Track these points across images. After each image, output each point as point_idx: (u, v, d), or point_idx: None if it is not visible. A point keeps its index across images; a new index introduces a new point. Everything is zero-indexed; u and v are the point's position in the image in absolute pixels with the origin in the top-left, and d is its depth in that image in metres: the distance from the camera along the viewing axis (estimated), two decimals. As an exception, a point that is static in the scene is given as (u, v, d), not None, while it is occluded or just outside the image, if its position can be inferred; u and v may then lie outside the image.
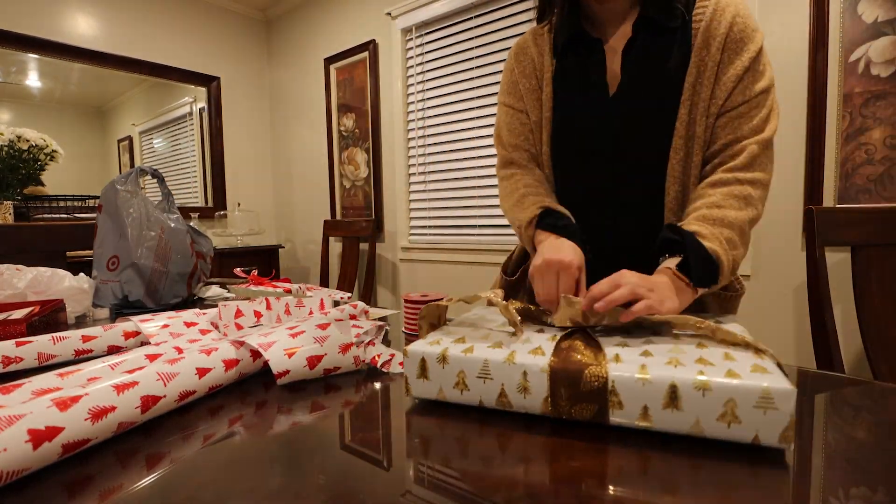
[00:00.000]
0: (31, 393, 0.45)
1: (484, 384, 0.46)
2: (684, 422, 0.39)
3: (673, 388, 0.39)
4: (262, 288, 1.12)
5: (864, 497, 0.32)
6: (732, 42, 0.71)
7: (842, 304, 1.48)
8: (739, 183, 0.70)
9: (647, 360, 0.43)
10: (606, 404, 0.41)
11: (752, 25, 0.71)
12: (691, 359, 0.43)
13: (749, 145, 0.70)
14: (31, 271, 0.96)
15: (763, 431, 0.37)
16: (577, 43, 0.80)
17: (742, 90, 0.71)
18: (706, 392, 0.38)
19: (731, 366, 0.40)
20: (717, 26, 0.71)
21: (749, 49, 0.70)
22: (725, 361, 0.41)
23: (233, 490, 0.35)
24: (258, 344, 0.56)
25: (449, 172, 2.52)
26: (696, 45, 0.72)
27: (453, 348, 0.49)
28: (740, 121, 0.72)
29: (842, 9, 1.46)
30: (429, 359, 0.48)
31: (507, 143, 0.89)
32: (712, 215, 0.67)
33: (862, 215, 1.08)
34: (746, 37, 0.71)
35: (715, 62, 0.71)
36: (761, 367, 0.40)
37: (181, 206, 3.10)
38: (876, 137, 1.44)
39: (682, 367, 0.41)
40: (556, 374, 0.43)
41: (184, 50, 3.06)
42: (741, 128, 0.72)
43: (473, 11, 2.33)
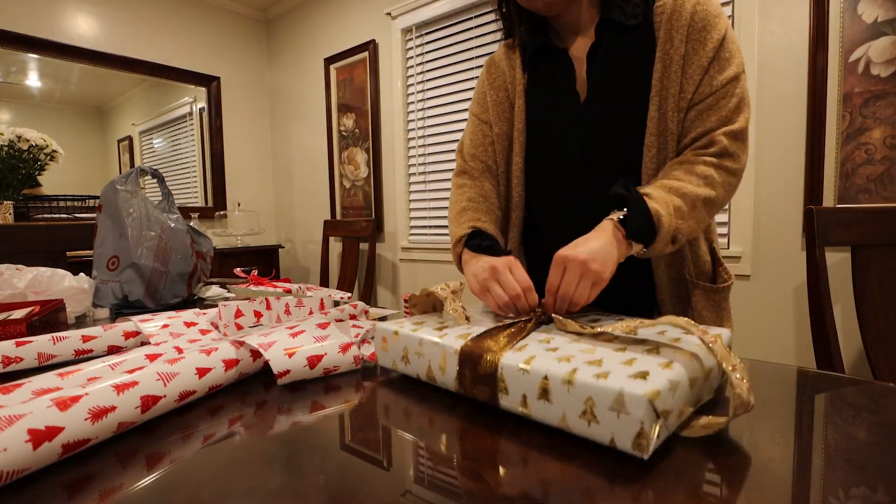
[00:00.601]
0: (31, 393, 0.45)
1: (419, 359, 0.53)
2: (554, 415, 0.40)
3: (545, 381, 0.41)
4: (262, 288, 1.12)
5: (864, 497, 0.32)
6: (695, 31, 0.70)
7: (842, 304, 1.48)
8: (704, 164, 0.69)
9: (542, 353, 0.45)
10: (496, 388, 0.45)
11: (714, 11, 0.70)
12: (594, 357, 0.43)
13: (718, 137, 0.70)
14: (31, 271, 0.96)
15: (618, 435, 0.36)
16: (543, 55, 0.81)
17: (709, 81, 0.70)
18: (570, 388, 0.39)
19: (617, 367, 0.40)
20: (678, 17, 0.70)
21: (712, 37, 0.69)
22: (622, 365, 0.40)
23: (233, 490, 0.35)
24: (258, 344, 0.56)
25: (449, 172, 2.52)
26: (660, 39, 0.71)
27: (406, 327, 0.56)
28: (708, 113, 0.71)
29: (842, 9, 1.46)
30: (387, 334, 0.57)
31: (466, 153, 0.92)
32: (668, 184, 0.67)
33: (862, 215, 1.08)
34: (709, 24, 0.69)
35: (680, 55, 0.70)
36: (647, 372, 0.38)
37: (181, 206, 3.10)
38: (876, 137, 1.44)
39: (566, 362, 0.42)
40: (464, 356, 0.48)
41: (184, 50, 3.06)
42: (709, 119, 0.71)
43: (473, 11, 2.33)
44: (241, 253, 2.99)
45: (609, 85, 0.76)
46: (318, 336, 0.60)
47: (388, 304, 2.88)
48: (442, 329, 0.55)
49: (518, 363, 0.43)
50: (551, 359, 0.43)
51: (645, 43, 0.73)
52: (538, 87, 0.83)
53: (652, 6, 0.73)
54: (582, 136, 0.78)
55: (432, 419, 0.47)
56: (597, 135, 0.77)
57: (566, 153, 0.80)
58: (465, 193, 0.88)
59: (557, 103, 0.80)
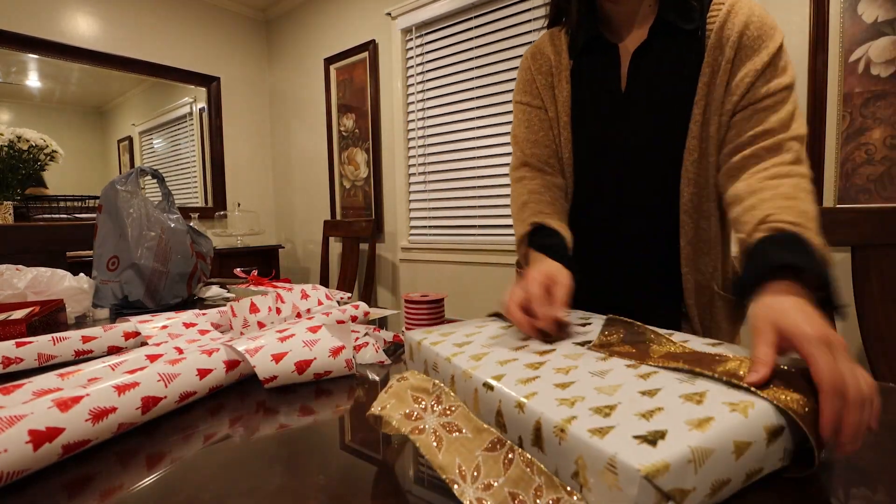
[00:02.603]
0: (31, 393, 0.45)
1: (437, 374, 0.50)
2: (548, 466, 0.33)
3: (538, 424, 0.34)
4: (262, 288, 1.12)
5: (864, 497, 0.32)
6: (750, 40, 0.69)
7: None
8: (801, 176, 0.63)
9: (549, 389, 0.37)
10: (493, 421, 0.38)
11: (770, 24, 0.70)
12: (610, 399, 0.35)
13: (790, 143, 0.66)
14: (31, 271, 0.96)
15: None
16: (592, 45, 0.80)
17: (764, 84, 0.68)
18: (562, 440, 0.31)
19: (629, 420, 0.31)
20: (730, 27, 0.70)
21: (768, 46, 0.69)
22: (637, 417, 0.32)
23: (233, 490, 0.35)
24: (245, 349, 0.55)
25: (449, 172, 2.52)
26: (710, 46, 0.71)
27: (429, 339, 0.54)
28: (766, 113, 0.68)
29: (842, 9, 1.46)
30: (413, 344, 0.56)
31: (524, 142, 0.88)
32: (797, 207, 0.58)
33: (862, 215, 1.08)
34: (765, 34, 0.69)
35: (728, 61, 0.70)
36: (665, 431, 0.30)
37: (181, 206, 3.10)
38: (876, 137, 1.44)
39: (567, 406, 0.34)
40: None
41: (184, 50, 3.06)
42: (768, 119, 0.68)
43: (473, 11, 2.33)
44: (241, 253, 2.99)
45: (652, 82, 0.75)
46: (308, 340, 0.59)
47: (389, 304, 2.88)
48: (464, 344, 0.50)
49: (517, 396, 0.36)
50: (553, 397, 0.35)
51: (694, 47, 0.73)
52: (583, 77, 0.82)
53: (706, 13, 0.73)
54: (627, 129, 0.77)
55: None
56: (637, 130, 0.77)
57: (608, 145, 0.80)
58: (525, 186, 0.85)
59: (601, 95, 0.80)
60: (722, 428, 0.30)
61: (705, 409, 0.32)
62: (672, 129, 0.74)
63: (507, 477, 0.32)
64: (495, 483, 0.31)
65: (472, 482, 0.32)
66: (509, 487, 0.31)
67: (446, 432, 0.36)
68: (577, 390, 0.37)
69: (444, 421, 0.37)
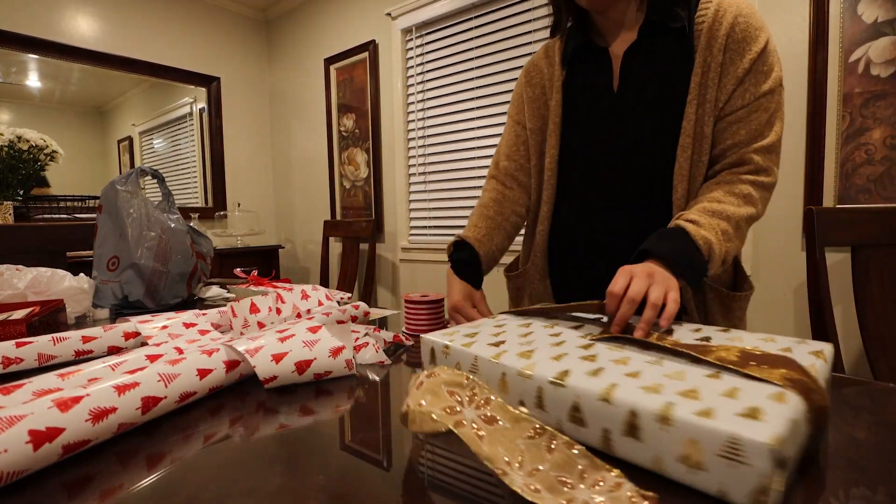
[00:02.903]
0: (31, 393, 0.45)
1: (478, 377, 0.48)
2: (644, 455, 0.35)
3: (632, 416, 0.35)
4: (262, 288, 1.12)
5: (864, 497, 0.32)
6: (734, 43, 0.71)
7: (842, 304, 1.48)
8: (741, 182, 0.72)
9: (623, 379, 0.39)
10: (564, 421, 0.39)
11: (756, 24, 0.70)
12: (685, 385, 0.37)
13: (749, 156, 0.72)
14: (31, 271, 0.96)
15: (730, 487, 0.30)
16: (584, 52, 0.83)
17: (741, 94, 0.71)
18: (665, 426, 0.33)
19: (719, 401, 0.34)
20: (717, 27, 0.71)
21: (751, 50, 0.70)
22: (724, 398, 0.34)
23: (233, 490, 0.35)
24: (245, 349, 0.55)
25: (449, 172, 2.52)
26: (700, 46, 0.72)
27: (458, 340, 0.52)
28: (738, 125, 0.72)
29: (842, 9, 1.46)
30: (437, 348, 0.53)
31: (500, 153, 0.96)
32: (711, 208, 0.69)
33: (862, 215, 1.08)
34: (749, 36, 0.70)
35: (718, 63, 0.71)
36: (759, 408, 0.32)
37: (181, 206, 3.10)
38: (876, 137, 1.44)
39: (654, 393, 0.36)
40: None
41: (184, 50, 3.06)
42: (738, 133, 0.72)
43: (473, 12, 2.33)
44: (241, 253, 2.99)
45: (643, 81, 0.77)
46: (308, 340, 0.59)
47: (389, 305, 2.88)
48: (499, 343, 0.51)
49: (598, 390, 0.37)
50: (636, 388, 0.37)
51: (683, 47, 0.74)
52: (576, 83, 0.84)
53: (694, 12, 0.74)
54: (620, 129, 0.79)
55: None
56: (629, 128, 0.78)
57: (602, 145, 0.81)
58: (482, 198, 0.95)
59: (594, 98, 0.82)
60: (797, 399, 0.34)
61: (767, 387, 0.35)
62: (664, 126, 0.76)
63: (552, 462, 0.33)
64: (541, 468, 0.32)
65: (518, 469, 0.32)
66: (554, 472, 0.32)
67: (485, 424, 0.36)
68: (651, 379, 0.38)
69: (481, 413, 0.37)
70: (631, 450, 0.35)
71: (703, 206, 0.70)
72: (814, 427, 0.36)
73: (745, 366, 0.39)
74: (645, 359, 0.44)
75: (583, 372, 0.41)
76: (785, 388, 0.35)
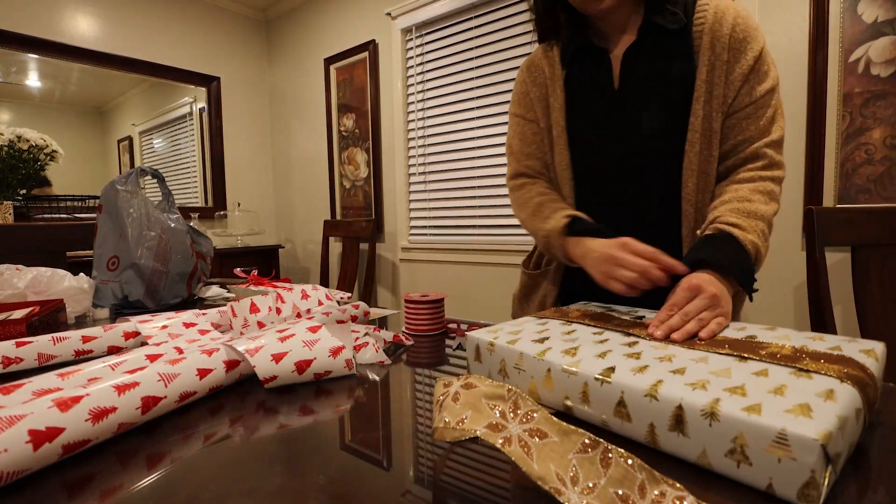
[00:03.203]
0: (31, 393, 0.45)
1: (518, 374, 0.49)
2: (691, 450, 0.35)
3: (679, 411, 0.36)
4: (262, 288, 1.12)
5: (865, 497, 0.32)
6: (737, 42, 0.73)
7: (842, 304, 1.48)
8: (762, 179, 0.73)
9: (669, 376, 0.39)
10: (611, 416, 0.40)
11: (753, 25, 0.74)
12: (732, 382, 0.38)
13: (763, 151, 0.74)
14: (31, 271, 0.96)
15: (779, 482, 0.31)
16: (583, 53, 0.84)
17: (748, 92, 0.74)
18: (713, 421, 0.34)
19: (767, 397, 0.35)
20: (719, 28, 0.74)
21: (752, 49, 0.73)
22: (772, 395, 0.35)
23: (233, 490, 0.35)
24: (244, 349, 0.55)
25: (449, 172, 2.52)
26: (703, 46, 0.74)
27: (503, 338, 0.53)
28: (747, 122, 0.75)
29: (842, 9, 1.46)
30: (482, 345, 0.54)
31: (519, 153, 0.93)
32: (745, 208, 0.70)
33: (862, 215, 1.08)
34: (749, 36, 0.73)
35: (723, 61, 0.74)
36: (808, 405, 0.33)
37: (181, 206, 3.10)
38: (876, 137, 1.44)
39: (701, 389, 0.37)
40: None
41: (184, 50, 3.06)
42: (748, 129, 0.75)
43: (473, 11, 2.33)
44: (241, 253, 2.99)
45: (644, 79, 0.78)
46: (308, 340, 0.59)
47: (388, 304, 2.88)
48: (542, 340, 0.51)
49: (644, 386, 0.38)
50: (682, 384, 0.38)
51: (683, 47, 0.76)
52: (576, 83, 0.85)
53: (691, 15, 0.76)
54: (621, 129, 0.80)
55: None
56: (633, 126, 0.79)
57: (608, 143, 0.82)
58: (531, 190, 0.90)
59: (596, 97, 0.83)
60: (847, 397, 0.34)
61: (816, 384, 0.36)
62: (669, 123, 0.77)
63: (609, 477, 0.31)
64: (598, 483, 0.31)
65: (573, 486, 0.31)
66: (613, 487, 0.31)
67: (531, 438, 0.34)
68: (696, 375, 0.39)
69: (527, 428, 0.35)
70: (677, 444, 0.36)
71: (736, 207, 0.70)
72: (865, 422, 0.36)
73: (798, 360, 0.40)
74: (690, 356, 0.44)
75: (628, 369, 0.41)
76: (843, 382, 0.36)
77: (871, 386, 0.37)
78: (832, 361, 0.39)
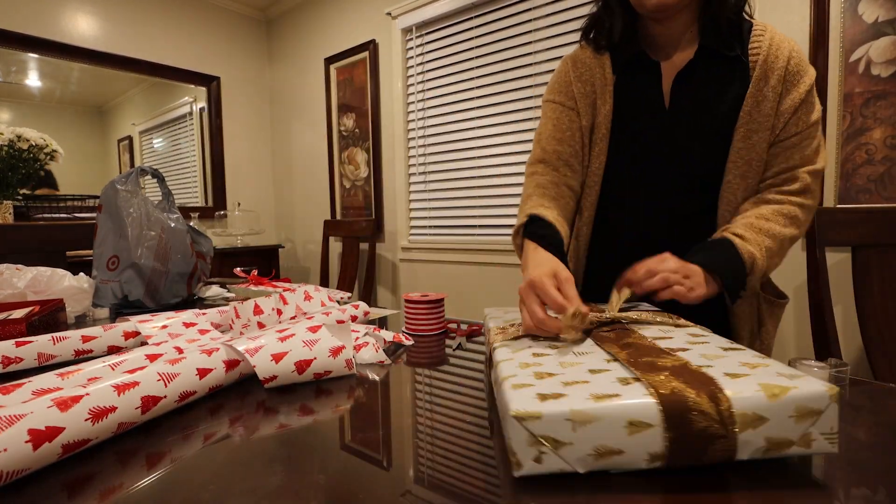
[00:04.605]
0: (31, 393, 0.45)
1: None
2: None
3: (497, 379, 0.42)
4: (262, 288, 1.12)
5: (864, 497, 0.32)
6: (791, 75, 0.74)
7: (842, 304, 1.48)
8: (790, 203, 0.75)
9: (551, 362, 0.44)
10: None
11: (806, 60, 0.76)
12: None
13: (802, 174, 0.75)
14: (31, 271, 0.96)
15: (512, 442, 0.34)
16: (636, 63, 0.82)
17: (796, 122, 0.75)
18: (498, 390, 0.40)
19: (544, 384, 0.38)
20: (774, 60, 0.74)
21: (805, 82, 0.74)
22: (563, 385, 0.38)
23: (233, 490, 0.35)
24: (244, 349, 0.55)
25: (449, 172, 2.52)
26: (755, 77, 0.75)
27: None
28: (793, 150, 0.76)
29: (842, 9, 1.46)
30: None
31: (548, 139, 0.88)
32: (758, 225, 0.72)
33: (862, 215, 1.08)
34: (802, 70, 0.74)
35: (776, 93, 0.74)
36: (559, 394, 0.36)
37: (181, 206, 3.09)
38: (876, 137, 1.44)
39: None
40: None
41: (184, 50, 3.05)
42: (793, 157, 0.76)
43: (473, 11, 2.33)
44: (241, 253, 2.99)
45: (696, 103, 0.79)
46: (308, 340, 0.59)
47: (388, 304, 2.88)
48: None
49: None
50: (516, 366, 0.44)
51: (738, 73, 0.76)
52: (626, 92, 0.83)
53: (747, 42, 0.76)
54: (665, 145, 0.81)
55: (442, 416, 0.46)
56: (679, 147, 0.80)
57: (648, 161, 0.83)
58: (534, 180, 0.87)
59: (645, 113, 0.82)
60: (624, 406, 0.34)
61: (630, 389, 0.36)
62: (712, 149, 0.78)
63: None
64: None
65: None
66: None
67: None
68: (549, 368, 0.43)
69: None
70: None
71: (749, 223, 0.72)
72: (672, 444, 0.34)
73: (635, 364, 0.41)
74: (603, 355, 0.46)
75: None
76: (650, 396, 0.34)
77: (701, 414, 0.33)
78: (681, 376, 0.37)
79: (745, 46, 0.76)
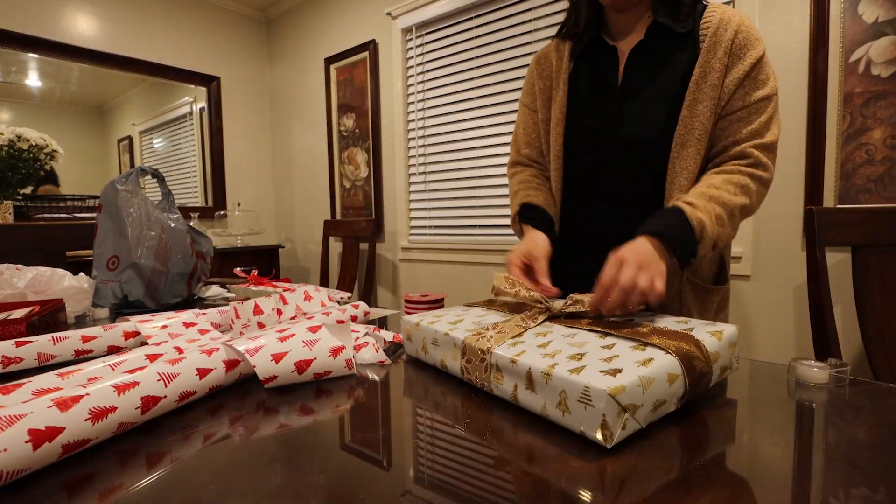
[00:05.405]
0: (31, 393, 0.45)
1: (435, 349, 0.60)
2: (537, 404, 0.45)
3: (529, 373, 0.45)
4: (262, 288, 1.12)
5: (864, 497, 0.32)
6: (737, 48, 0.75)
7: (842, 304, 1.48)
8: (740, 173, 0.75)
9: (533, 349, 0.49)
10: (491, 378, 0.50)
11: (755, 35, 0.76)
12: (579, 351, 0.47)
13: (749, 149, 0.76)
14: (31, 271, 0.96)
15: (586, 425, 0.40)
16: (593, 48, 0.87)
17: (742, 96, 0.76)
18: (548, 381, 0.43)
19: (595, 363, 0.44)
20: (722, 33, 0.76)
21: (751, 55, 0.75)
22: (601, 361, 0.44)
23: (233, 490, 0.35)
24: (244, 349, 0.55)
25: (449, 172, 2.52)
26: (704, 47, 0.77)
27: (426, 320, 0.64)
28: (739, 124, 0.77)
29: (842, 9, 1.46)
30: (410, 327, 0.65)
31: (520, 142, 0.99)
32: (709, 193, 0.73)
33: (862, 215, 1.08)
34: (749, 44, 0.75)
35: (722, 65, 0.76)
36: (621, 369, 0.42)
37: (181, 206, 3.10)
38: (876, 137, 1.44)
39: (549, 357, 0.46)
40: (466, 348, 0.54)
41: (184, 50, 3.06)
42: (740, 131, 0.77)
43: (473, 11, 2.33)
44: (241, 253, 2.99)
45: (646, 77, 0.81)
46: (308, 340, 0.59)
47: (389, 304, 2.88)
48: (456, 323, 0.61)
49: (510, 356, 0.48)
50: (539, 354, 0.48)
51: (688, 49, 0.79)
52: (581, 76, 0.88)
53: (699, 20, 0.79)
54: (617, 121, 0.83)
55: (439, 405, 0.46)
56: (629, 121, 0.82)
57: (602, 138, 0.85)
58: (517, 178, 0.97)
59: (597, 89, 0.86)
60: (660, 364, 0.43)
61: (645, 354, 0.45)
62: (664, 121, 0.79)
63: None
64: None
65: None
66: None
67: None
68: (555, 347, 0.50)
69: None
70: (530, 400, 0.46)
71: (700, 192, 0.73)
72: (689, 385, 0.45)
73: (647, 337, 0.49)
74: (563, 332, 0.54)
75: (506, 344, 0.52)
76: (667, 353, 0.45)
77: (698, 358, 0.46)
78: (671, 338, 0.48)
79: (697, 23, 0.79)
